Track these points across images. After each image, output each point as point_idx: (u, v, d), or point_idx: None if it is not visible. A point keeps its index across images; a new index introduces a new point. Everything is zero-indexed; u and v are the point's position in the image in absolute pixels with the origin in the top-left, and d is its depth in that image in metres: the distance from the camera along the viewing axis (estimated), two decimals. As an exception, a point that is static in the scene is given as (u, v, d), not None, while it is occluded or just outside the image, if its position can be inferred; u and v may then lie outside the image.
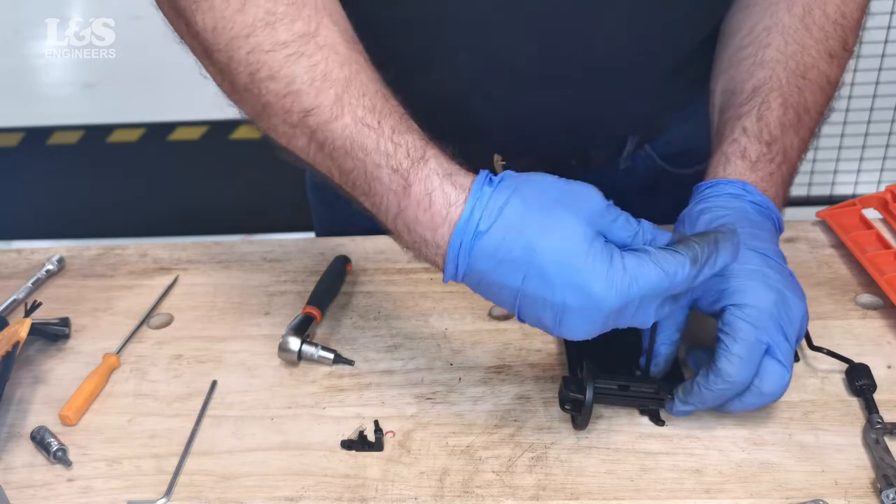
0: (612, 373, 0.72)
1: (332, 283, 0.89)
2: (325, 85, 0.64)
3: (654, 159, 0.99)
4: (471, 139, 0.83)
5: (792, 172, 0.79)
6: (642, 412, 0.73)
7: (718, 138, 0.79)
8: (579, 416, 0.70)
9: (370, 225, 0.71)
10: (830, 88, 0.81)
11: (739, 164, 0.75)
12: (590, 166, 0.94)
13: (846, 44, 0.81)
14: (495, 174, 0.64)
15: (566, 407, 0.71)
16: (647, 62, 0.85)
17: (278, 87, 0.65)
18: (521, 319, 0.64)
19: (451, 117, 0.80)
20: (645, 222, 0.64)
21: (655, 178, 0.99)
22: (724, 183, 0.75)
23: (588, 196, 0.63)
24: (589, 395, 0.68)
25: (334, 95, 0.64)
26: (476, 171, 0.65)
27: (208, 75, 0.71)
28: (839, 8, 0.80)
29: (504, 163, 0.91)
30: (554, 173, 0.69)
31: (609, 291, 0.60)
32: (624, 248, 0.62)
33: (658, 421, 0.72)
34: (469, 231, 0.61)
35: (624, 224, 0.63)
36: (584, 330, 0.62)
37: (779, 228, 0.76)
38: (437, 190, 0.63)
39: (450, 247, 0.62)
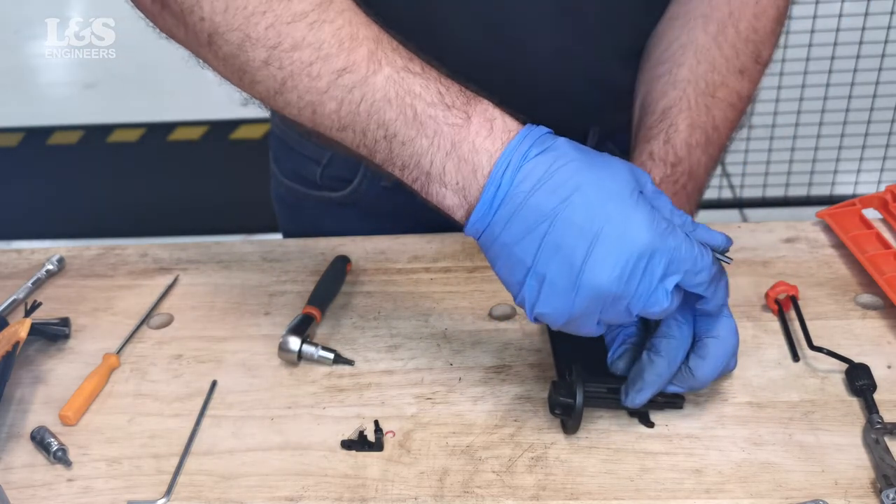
0: (601, 376, 0.72)
1: (332, 283, 0.89)
2: (354, 44, 0.63)
3: (617, 155, 1.00)
4: None
5: (699, 188, 0.82)
6: (631, 414, 0.73)
7: (630, 158, 0.81)
8: (569, 420, 0.70)
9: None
10: (741, 103, 0.84)
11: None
12: None
13: (759, 57, 0.84)
14: None
15: (556, 412, 0.71)
16: (595, 52, 0.85)
17: (304, 56, 0.64)
18: (535, 265, 0.61)
19: None
20: (688, 216, 0.65)
21: None
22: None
23: (639, 170, 0.64)
24: (579, 399, 0.68)
25: (367, 52, 0.64)
26: None
27: (208, 66, 0.70)
28: (751, 24, 0.83)
29: None
30: None
31: (647, 231, 0.59)
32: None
33: (648, 423, 0.72)
34: (520, 151, 0.61)
35: (668, 203, 0.64)
36: (608, 272, 0.59)
37: None
38: (497, 119, 0.63)
39: (496, 166, 0.61)
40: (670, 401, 0.72)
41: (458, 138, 0.62)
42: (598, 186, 0.60)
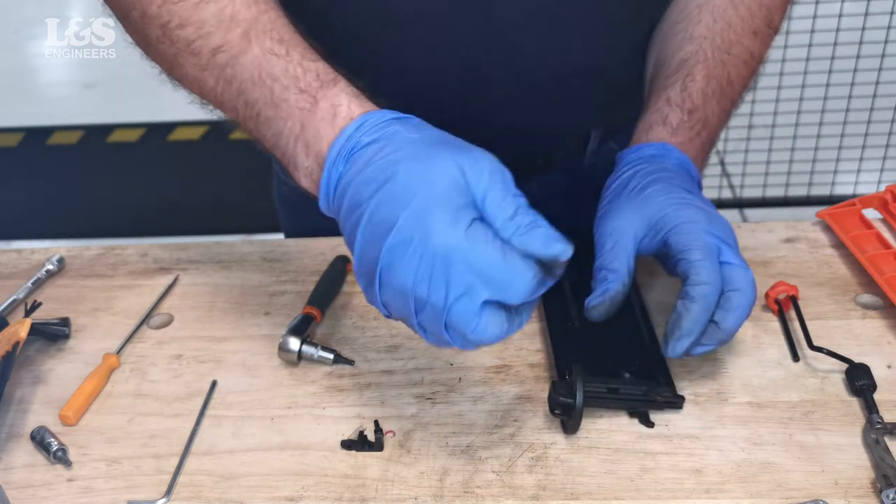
0: (601, 375, 0.72)
1: (332, 283, 0.89)
2: (232, 24, 0.67)
3: (614, 154, 1.00)
4: None
5: (712, 139, 0.84)
6: (631, 414, 0.73)
7: (645, 107, 0.84)
8: (569, 420, 0.70)
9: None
10: (754, 63, 0.86)
11: (660, 129, 0.80)
12: (553, 162, 0.94)
13: (771, 22, 0.87)
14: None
15: (556, 412, 0.71)
16: (598, 56, 0.86)
17: (188, 34, 0.68)
18: (356, 265, 0.60)
19: None
20: (539, 220, 0.59)
21: None
22: (646, 146, 0.79)
23: (480, 158, 0.59)
24: (579, 399, 0.68)
25: (241, 32, 0.67)
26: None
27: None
28: None
29: None
30: (517, 170, 0.68)
31: (444, 235, 0.55)
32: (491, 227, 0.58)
33: (648, 423, 0.72)
34: (350, 143, 0.61)
35: (501, 204, 0.58)
36: (401, 271, 0.56)
37: (698, 184, 0.80)
38: (342, 105, 0.63)
39: (328, 154, 0.61)
40: (670, 401, 0.72)
41: (305, 122, 0.63)
42: (409, 182, 0.57)
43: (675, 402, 0.72)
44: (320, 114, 0.63)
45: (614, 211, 0.75)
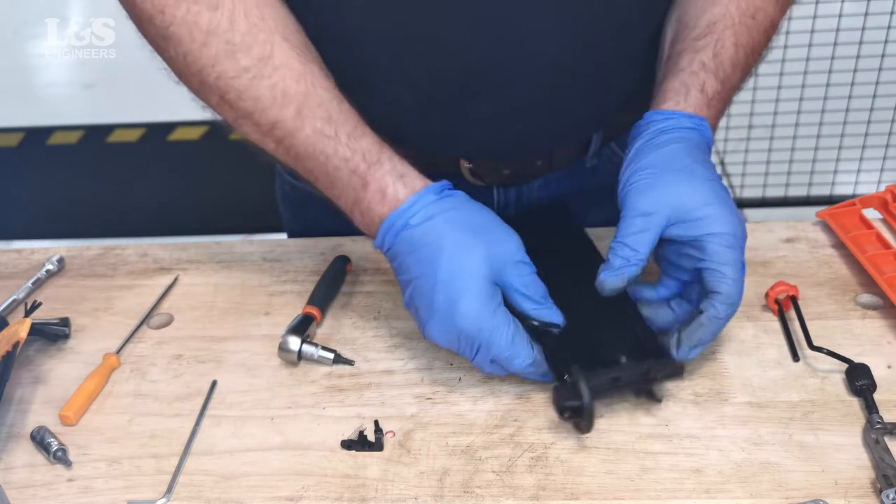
0: (598, 367, 0.71)
1: (333, 283, 0.89)
2: (285, 101, 0.75)
3: (620, 156, 0.99)
4: (433, 145, 0.84)
5: (728, 108, 0.84)
6: (638, 394, 0.73)
7: (674, 66, 0.81)
8: (582, 420, 0.69)
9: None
10: (772, 30, 0.85)
11: (698, 97, 0.79)
12: (555, 165, 0.94)
13: None
14: (457, 179, 0.75)
15: (565, 416, 0.70)
16: (596, 57, 0.85)
17: (246, 106, 0.75)
18: (406, 305, 0.75)
19: (411, 126, 0.84)
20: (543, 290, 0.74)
21: None
22: (685, 116, 0.78)
23: (506, 241, 0.73)
24: (587, 399, 0.68)
25: (294, 111, 0.75)
26: (435, 178, 0.75)
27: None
28: None
29: (470, 166, 0.91)
30: (520, 173, 0.81)
31: (469, 317, 0.70)
32: (512, 293, 0.73)
33: (655, 398, 0.72)
34: (401, 220, 0.73)
35: (524, 282, 0.73)
36: (442, 336, 0.72)
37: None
38: (389, 187, 0.74)
39: (381, 226, 0.74)
40: (671, 373, 0.72)
41: (358, 198, 0.75)
42: (448, 268, 0.71)
43: (676, 373, 0.72)
44: (370, 195, 0.74)
45: (653, 188, 0.73)
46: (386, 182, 0.74)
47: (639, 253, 0.72)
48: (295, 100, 0.75)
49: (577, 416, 0.70)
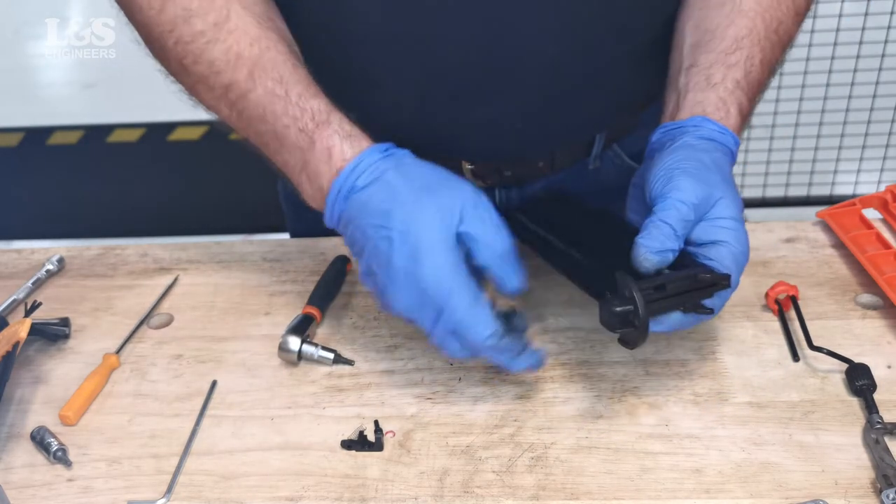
0: (640, 279, 0.66)
1: (332, 283, 0.89)
2: (238, 63, 0.75)
3: (622, 158, 0.99)
4: (433, 146, 0.84)
5: None
6: (686, 310, 0.68)
7: (706, 78, 0.79)
8: (636, 331, 0.65)
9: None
10: (789, 46, 0.85)
11: (738, 119, 0.78)
12: (557, 167, 0.94)
13: (809, 3, 0.85)
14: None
15: (616, 329, 0.65)
16: (597, 58, 0.85)
17: (202, 69, 0.76)
18: (363, 278, 0.73)
19: (411, 127, 0.83)
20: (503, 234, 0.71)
21: (625, 178, 1.00)
22: (732, 136, 0.77)
23: (461, 188, 0.70)
24: (640, 300, 0.63)
25: (247, 72, 0.74)
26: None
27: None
28: None
29: (471, 167, 0.91)
30: (521, 175, 0.79)
31: (431, 270, 0.67)
32: (472, 244, 0.70)
33: (706, 310, 0.68)
34: (348, 182, 0.71)
35: (485, 228, 0.70)
36: (403, 300, 0.69)
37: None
38: (336, 146, 0.73)
39: (329, 192, 0.72)
40: (716, 280, 0.68)
41: (306, 158, 0.74)
42: (405, 221, 0.69)
43: (723, 282, 0.68)
44: (317, 154, 0.73)
45: (707, 182, 0.71)
46: (333, 141, 0.73)
47: (678, 241, 0.69)
48: (248, 62, 0.74)
49: (629, 325, 0.65)
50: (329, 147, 0.72)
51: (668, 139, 0.77)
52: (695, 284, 0.67)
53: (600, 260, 0.72)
